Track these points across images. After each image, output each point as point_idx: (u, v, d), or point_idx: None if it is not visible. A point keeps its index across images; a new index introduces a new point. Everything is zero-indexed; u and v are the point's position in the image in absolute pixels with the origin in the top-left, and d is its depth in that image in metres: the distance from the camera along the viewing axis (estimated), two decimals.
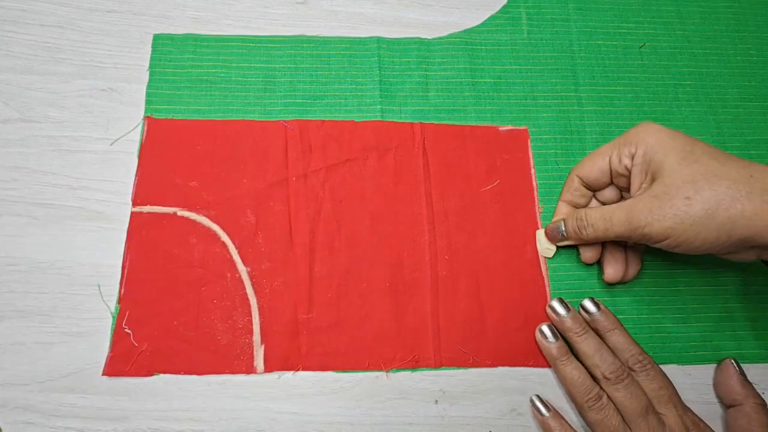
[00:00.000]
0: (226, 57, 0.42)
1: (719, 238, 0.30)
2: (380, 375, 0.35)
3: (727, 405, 0.35)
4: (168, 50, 0.42)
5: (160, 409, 0.33)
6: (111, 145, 0.39)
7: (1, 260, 0.35)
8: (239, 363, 0.34)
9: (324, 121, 0.40)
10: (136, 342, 0.34)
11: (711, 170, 0.30)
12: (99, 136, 0.39)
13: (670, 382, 0.33)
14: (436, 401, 0.35)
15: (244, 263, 0.36)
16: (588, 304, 0.35)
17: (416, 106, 0.42)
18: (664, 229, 0.31)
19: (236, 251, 0.37)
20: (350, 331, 0.35)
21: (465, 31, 0.44)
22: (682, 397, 0.33)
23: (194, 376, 0.34)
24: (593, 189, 0.38)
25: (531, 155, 0.41)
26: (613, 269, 0.36)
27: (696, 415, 0.33)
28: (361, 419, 0.34)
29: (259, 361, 0.34)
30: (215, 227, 0.37)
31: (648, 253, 0.39)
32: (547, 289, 0.38)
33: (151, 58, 0.41)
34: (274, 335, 0.35)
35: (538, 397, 0.34)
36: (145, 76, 0.41)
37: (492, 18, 0.45)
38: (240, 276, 0.36)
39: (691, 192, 0.30)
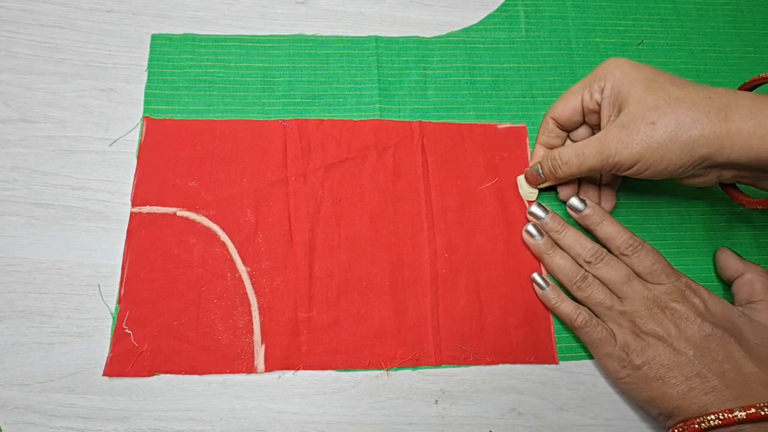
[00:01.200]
0: (225, 57, 0.42)
1: (682, 158, 0.32)
2: (380, 374, 0.35)
3: (731, 282, 0.36)
4: (166, 50, 0.42)
5: (160, 409, 0.33)
6: (110, 145, 0.39)
7: (1, 260, 0.36)
8: (240, 363, 0.34)
9: (323, 120, 0.40)
10: (137, 342, 0.34)
11: (673, 95, 0.32)
12: (99, 137, 0.39)
13: (662, 257, 0.35)
14: (436, 401, 0.34)
15: (244, 263, 0.36)
16: (575, 202, 0.37)
17: (415, 104, 0.42)
18: (633, 155, 0.32)
19: (236, 251, 0.37)
20: (350, 329, 0.35)
21: (463, 29, 0.45)
22: None
23: (194, 376, 0.34)
24: (567, 129, 0.39)
25: (529, 153, 0.41)
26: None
27: (690, 279, 0.34)
28: (361, 419, 0.34)
29: (259, 361, 0.34)
30: (215, 227, 0.37)
31: None
32: None
33: (150, 59, 0.41)
34: (275, 334, 0.35)
35: (538, 274, 0.37)
36: (145, 76, 0.41)
37: (490, 16, 0.45)
38: (240, 276, 0.36)
39: (655, 117, 0.32)
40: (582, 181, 0.39)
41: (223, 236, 0.37)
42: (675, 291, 0.33)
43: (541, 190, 0.40)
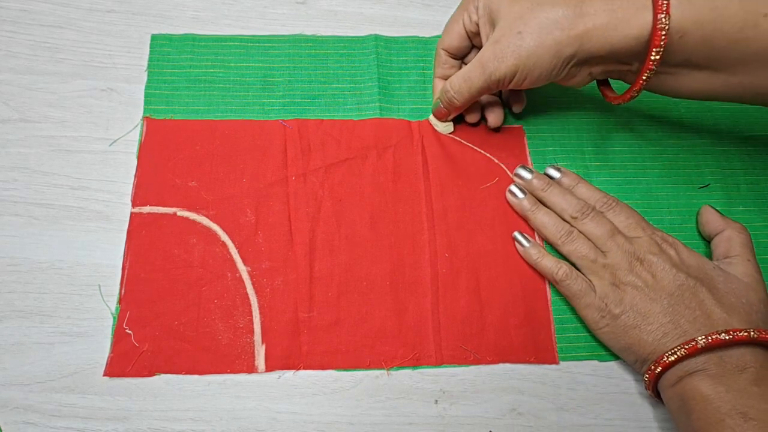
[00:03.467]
0: (225, 57, 0.42)
1: (552, 62, 0.33)
2: (380, 374, 0.35)
3: (711, 238, 0.38)
4: (166, 50, 0.42)
5: (160, 409, 0.33)
6: (110, 145, 0.39)
7: (1, 260, 0.36)
8: (240, 362, 0.34)
9: (323, 120, 0.40)
10: (137, 342, 0.34)
11: (534, 2, 0.33)
12: (99, 136, 0.39)
13: (636, 212, 0.37)
14: (436, 401, 0.34)
15: (245, 263, 0.36)
16: (550, 170, 0.39)
17: (415, 104, 0.42)
18: (509, 68, 0.34)
19: (236, 251, 0.37)
20: (351, 329, 0.35)
21: None
22: None
23: (194, 376, 0.34)
24: (460, 57, 0.40)
25: (528, 152, 0.41)
26: (493, 116, 0.40)
27: (664, 233, 0.36)
28: (361, 419, 0.34)
29: (260, 361, 0.34)
30: (215, 227, 0.37)
31: None
32: (547, 285, 0.38)
33: (150, 59, 0.41)
34: (275, 334, 0.35)
35: (519, 232, 0.38)
36: (145, 76, 0.41)
37: None
38: (240, 275, 0.36)
39: (521, 26, 0.33)
40: (485, 103, 0.40)
41: (224, 236, 0.37)
42: (653, 243, 0.35)
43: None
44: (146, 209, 0.37)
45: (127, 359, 0.34)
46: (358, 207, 0.38)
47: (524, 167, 0.39)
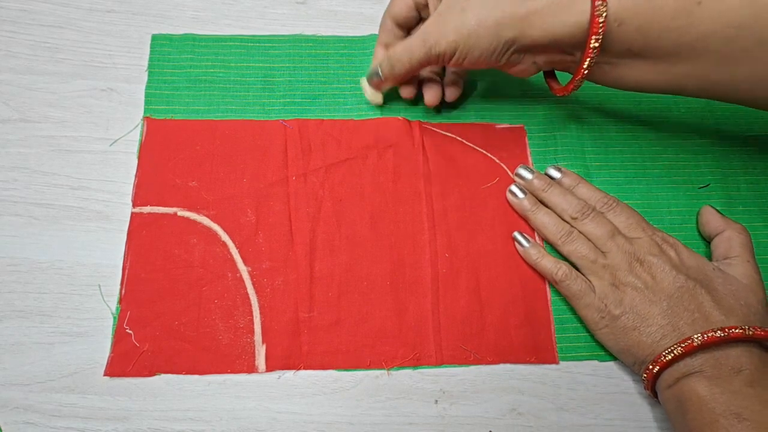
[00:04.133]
0: (225, 57, 0.42)
1: (491, 44, 0.33)
2: (380, 374, 0.35)
3: (711, 238, 0.38)
4: (166, 50, 0.42)
5: (160, 409, 0.33)
6: (111, 145, 0.39)
7: (1, 260, 0.36)
8: (241, 362, 0.34)
9: (323, 120, 0.40)
10: (137, 342, 0.34)
11: None
12: (99, 137, 0.39)
13: (636, 212, 0.37)
14: (436, 401, 0.34)
15: (245, 263, 0.36)
16: (551, 170, 0.39)
17: (415, 103, 0.42)
18: (449, 44, 0.33)
19: (237, 251, 0.37)
20: (351, 329, 0.35)
21: None
22: None
23: (194, 376, 0.34)
24: (406, 28, 0.39)
25: (529, 152, 0.41)
26: (430, 93, 0.40)
27: (665, 233, 0.36)
28: (361, 419, 0.34)
29: (260, 361, 0.34)
30: (215, 227, 0.37)
31: None
32: (547, 285, 0.38)
33: (150, 59, 0.41)
34: (276, 334, 0.35)
35: (519, 232, 0.38)
36: (145, 76, 0.41)
37: None
38: (241, 275, 0.36)
39: (465, 3, 0.33)
40: (424, 80, 0.40)
41: (224, 236, 0.37)
42: (653, 244, 0.35)
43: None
44: (147, 209, 0.37)
45: (128, 359, 0.34)
46: (358, 207, 0.38)
47: (525, 167, 0.39)
